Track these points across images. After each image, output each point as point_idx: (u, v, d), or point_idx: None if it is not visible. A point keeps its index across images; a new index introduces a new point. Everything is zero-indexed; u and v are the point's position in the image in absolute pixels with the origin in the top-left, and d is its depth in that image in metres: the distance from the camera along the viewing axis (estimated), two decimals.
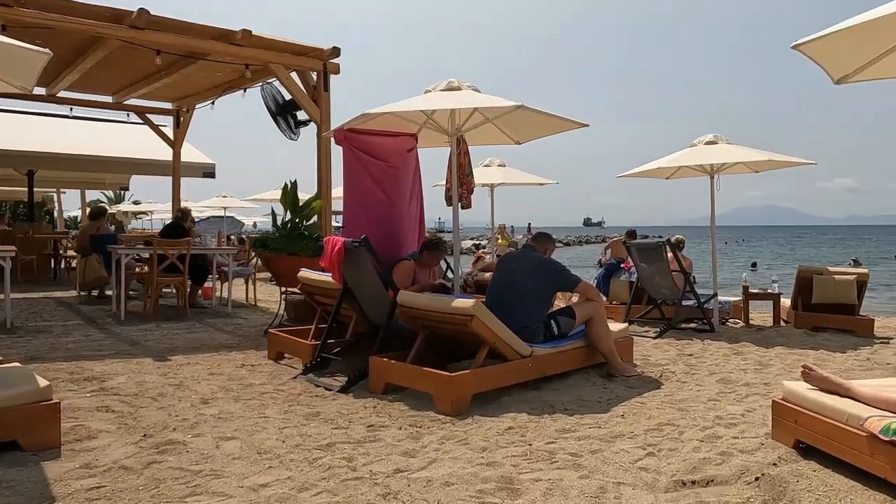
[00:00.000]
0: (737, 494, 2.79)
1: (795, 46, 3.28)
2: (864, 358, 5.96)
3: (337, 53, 8.35)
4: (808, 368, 3.39)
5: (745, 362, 5.72)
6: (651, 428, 3.74)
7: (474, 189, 6.26)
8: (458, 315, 4.31)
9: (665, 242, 7.46)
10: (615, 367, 4.99)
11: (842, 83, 3.82)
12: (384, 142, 6.01)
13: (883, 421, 2.77)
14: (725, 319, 8.13)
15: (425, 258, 5.79)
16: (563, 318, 4.99)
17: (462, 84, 5.66)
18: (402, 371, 4.47)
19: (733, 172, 8.23)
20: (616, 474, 3.02)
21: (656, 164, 7.90)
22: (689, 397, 4.46)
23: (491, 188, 10.97)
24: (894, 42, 3.49)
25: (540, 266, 5.00)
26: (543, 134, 6.56)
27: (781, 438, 3.36)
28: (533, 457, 3.25)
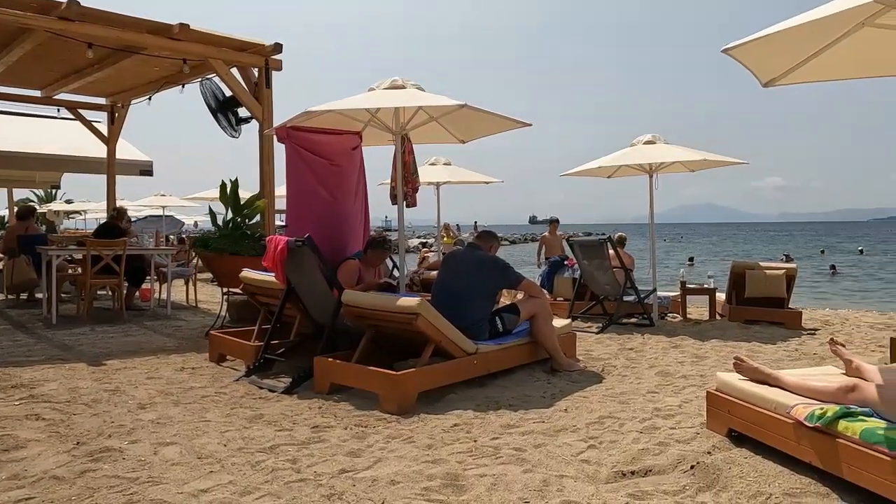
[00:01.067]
0: (673, 483, 2.88)
1: (725, 50, 3.40)
2: (793, 349, 6.24)
3: (279, 50, 8.21)
4: (740, 360, 3.54)
5: (683, 355, 5.91)
6: (593, 421, 3.82)
7: (419, 187, 6.27)
8: (404, 314, 4.31)
9: (607, 240, 7.63)
10: (559, 363, 5.08)
11: (770, 86, 3.99)
12: (328, 140, 5.95)
13: (808, 408, 2.91)
14: (664, 314, 8.38)
15: (370, 257, 5.76)
16: (508, 315, 5.05)
17: (406, 83, 5.66)
18: (347, 371, 4.44)
19: (671, 171, 8.50)
20: (559, 467, 3.08)
21: (597, 163, 8.08)
22: (630, 390, 4.58)
23: (436, 187, 11.00)
24: (818, 47, 3.67)
25: (484, 264, 5.05)
26: (487, 133, 6.62)
27: (715, 428, 3.49)
28: (478, 453, 3.28)
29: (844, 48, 3.63)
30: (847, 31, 3.51)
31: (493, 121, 6.06)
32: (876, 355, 5.89)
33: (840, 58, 3.72)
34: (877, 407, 2.77)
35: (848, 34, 3.53)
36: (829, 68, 3.84)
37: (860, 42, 3.57)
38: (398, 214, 6.13)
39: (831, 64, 3.78)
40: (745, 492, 2.74)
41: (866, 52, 3.72)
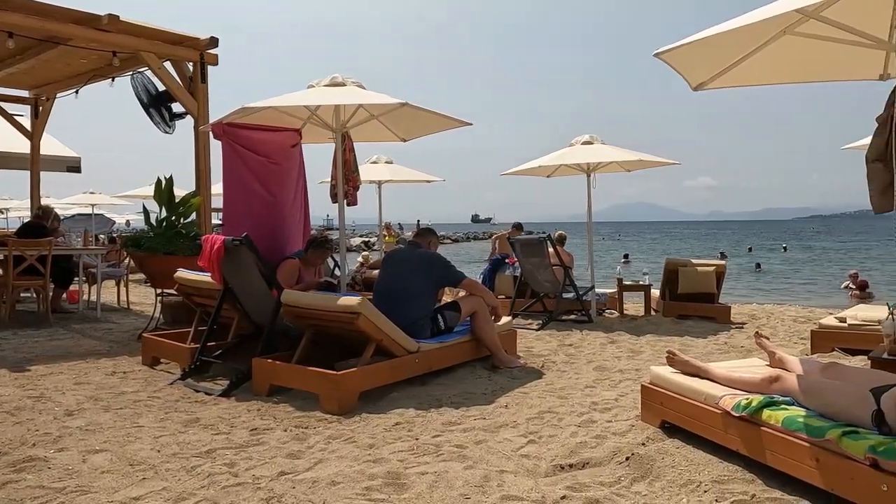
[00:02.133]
0: (609, 474, 2.96)
1: (657, 54, 3.51)
2: (722, 342, 6.51)
3: (215, 44, 7.99)
4: (672, 354, 3.66)
5: (619, 350, 6.08)
6: (533, 416, 3.89)
7: (360, 186, 6.22)
8: (345, 313, 4.28)
9: (546, 238, 7.76)
10: (499, 360, 5.14)
11: (699, 90, 4.14)
12: (266, 137, 5.84)
13: (735, 399, 3.04)
14: (602, 310, 8.60)
15: (311, 256, 5.69)
16: (449, 312, 5.08)
17: (346, 80, 5.61)
18: (287, 372, 4.38)
19: (608, 171, 8.72)
20: (499, 463, 3.12)
21: (537, 162, 8.22)
22: (569, 385, 4.68)
23: (378, 185, 10.95)
24: (743, 53, 3.83)
25: (425, 262, 5.06)
26: (428, 131, 6.64)
27: (649, 420, 3.61)
28: (419, 451, 3.28)
29: (767, 55, 3.80)
30: (769, 39, 3.68)
31: (434, 120, 6.08)
32: (798, 347, 6.20)
33: (764, 64, 3.89)
34: (797, 396, 2.92)
35: (770, 41, 3.70)
36: (753, 74, 4.02)
37: (782, 49, 3.75)
38: (339, 213, 6.07)
39: (756, 69, 3.95)
40: (676, 480, 2.85)
41: (787, 58, 3.91)
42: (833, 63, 3.96)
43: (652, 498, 2.71)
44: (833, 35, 3.38)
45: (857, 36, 3.29)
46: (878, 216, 3.31)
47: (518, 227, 10.13)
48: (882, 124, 3.23)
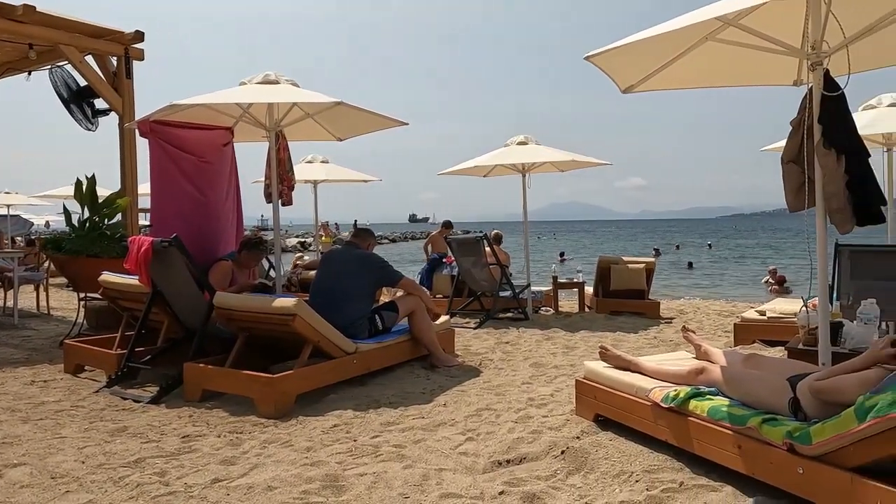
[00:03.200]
0: (546, 468, 3.03)
1: (588, 58, 3.60)
2: (652, 336, 6.74)
3: (140, 38, 7.70)
4: (605, 349, 3.77)
5: (555, 346, 6.20)
6: (471, 414, 3.92)
7: (295, 185, 6.12)
8: (280, 315, 4.20)
9: (483, 237, 7.84)
10: (438, 359, 5.16)
11: (628, 92, 4.27)
12: (196, 135, 5.67)
13: (663, 391, 3.16)
14: (538, 308, 8.74)
15: (244, 258, 5.56)
16: (387, 312, 5.06)
17: (280, 77, 5.52)
18: (220, 376, 4.27)
19: (543, 171, 8.88)
20: (438, 461, 3.13)
21: (473, 162, 8.29)
22: (506, 382, 4.74)
23: (314, 185, 10.81)
24: (669, 57, 3.97)
25: (363, 262, 5.03)
26: (364, 131, 6.60)
27: (584, 413, 3.70)
28: (358, 452, 3.27)
29: (692, 60, 3.96)
30: (693, 45, 3.83)
31: (371, 119, 6.05)
32: (722, 340, 6.49)
33: (688, 68, 4.05)
34: (721, 386, 3.06)
35: (694, 47, 3.85)
36: (678, 77, 4.18)
37: (705, 55, 3.91)
38: (273, 213, 5.96)
39: (680, 74, 4.11)
40: (609, 472, 2.93)
41: (710, 64, 4.08)
42: (752, 69, 4.16)
43: (587, 490, 2.79)
44: (751, 42, 3.55)
45: (773, 44, 3.47)
46: (794, 215, 3.49)
47: (448, 226, 10.19)
48: (795, 128, 3.42)
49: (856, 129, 3.29)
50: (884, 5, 3.25)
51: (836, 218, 3.27)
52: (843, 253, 4.89)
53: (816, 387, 2.59)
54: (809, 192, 3.35)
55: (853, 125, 3.29)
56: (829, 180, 3.22)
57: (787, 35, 3.52)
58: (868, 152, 3.30)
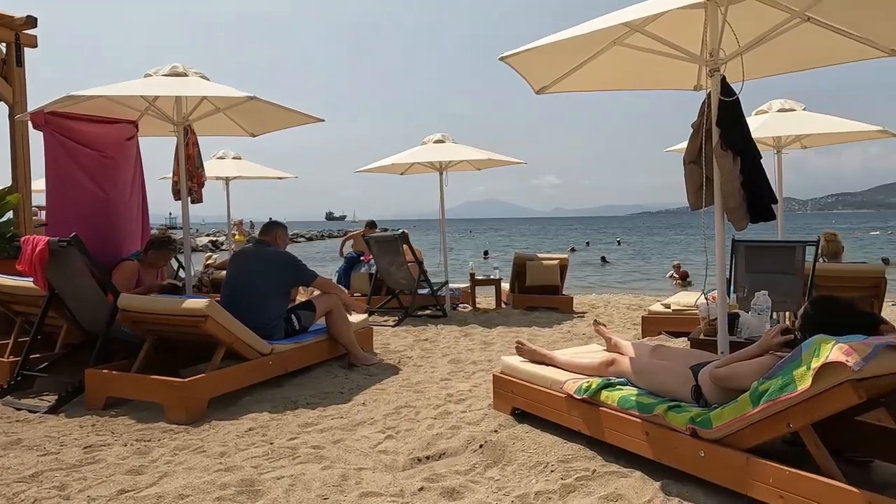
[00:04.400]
0: (465, 462, 3.07)
1: (503, 58, 3.68)
2: (566, 331, 6.95)
3: (33, 24, 7.19)
4: (521, 344, 3.86)
5: (473, 343, 6.29)
6: (390, 412, 3.92)
7: (205, 182, 5.90)
8: (191, 316, 4.05)
9: (401, 235, 7.84)
10: (356, 358, 5.12)
11: (542, 93, 4.39)
12: (97, 129, 5.36)
13: (576, 383, 3.27)
14: (456, 305, 8.83)
15: (151, 257, 5.31)
16: (304, 312, 4.97)
17: (188, 70, 5.30)
18: (126, 382, 4.07)
19: (459, 169, 8.98)
20: (357, 461, 3.11)
21: (391, 160, 8.28)
22: (425, 379, 4.77)
23: (226, 181, 10.47)
24: (579, 60, 4.11)
25: (275, 262, 4.90)
26: (279, 127, 6.45)
27: (501, 407, 3.78)
28: (275, 455, 3.20)
29: (601, 63, 4.11)
30: (602, 49, 3.98)
31: (285, 115, 5.91)
32: (631, 332, 6.78)
33: (598, 71, 4.21)
34: (630, 377, 3.20)
35: (603, 51, 4.00)
36: (589, 80, 4.33)
37: (613, 59, 4.07)
38: (183, 211, 5.72)
39: (591, 76, 4.26)
40: (526, 463, 3.01)
41: (617, 67, 4.25)
42: (657, 73, 4.37)
43: (504, 482, 2.85)
44: (655, 48, 3.73)
45: (675, 50, 3.66)
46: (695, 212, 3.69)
47: (371, 226, 10.12)
48: (695, 130, 3.62)
49: (749, 133, 3.52)
50: (772, 18, 3.49)
51: (733, 215, 3.49)
52: (738, 248, 5.20)
53: (716, 374, 2.75)
54: (708, 191, 3.56)
55: (747, 128, 3.51)
56: (726, 180, 3.43)
57: (688, 42, 3.72)
58: (760, 154, 3.54)
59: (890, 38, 3.62)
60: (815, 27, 3.61)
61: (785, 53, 3.96)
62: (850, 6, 3.44)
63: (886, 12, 3.46)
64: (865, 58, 3.81)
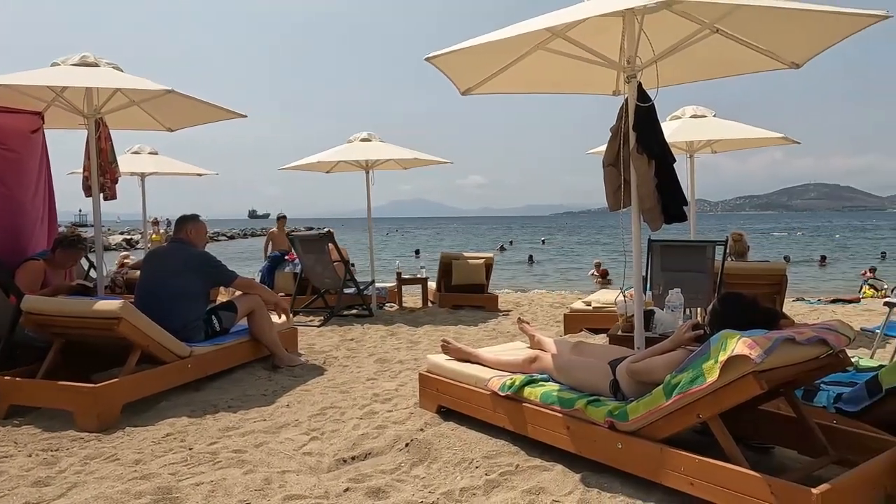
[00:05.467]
0: (391, 462, 3.07)
1: (428, 59, 3.70)
2: (491, 328, 7.05)
3: None
4: (447, 342, 3.90)
5: (399, 342, 6.29)
6: (315, 413, 3.87)
7: (119, 178, 5.64)
8: (103, 319, 3.87)
9: (327, 234, 7.74)
10: (280, 359, 5.02)
11: (467, 94, 4.44)
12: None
13: (501, 380, 3.33)
14: (382, 304, 8.80)
15: (59, 257, 5.03)
16: (225, 313, 4.83)
17: (100, 60, 5.05)
18: (31, 388, 3.85)
19: (386, 168, 8.96)
20: (281, 463, 3.06)
21: (316, 158, 8.17)
22: (351, 379, 4.73)
23: (141, 177, 10.03)
24: (504, 63, 4.18)
25: (193, 261, 4.71)
26: (198, 122, 6.24)
27: (427, 406, 3.80)
28: (194, 461, 3.10)
29: (525, 66, 4.20)
30: (526, 52, 4.06)
31: (205, 110, 5.72)
32: (554, 329, 6.95)
33: (522, 74, 4.29)
34: (552, 373, 3.28)
35: (527, 55, 4.09)
36: (513, 82, 4.41)
37: (536, 62, 4.16)
38: (94, 208, 5.45)
39: (515, 79, 4.34)
40: (451, 460, 3.04)
41: (540, 71, 4.35)
42: (578, 78, 4.49)
43: (430, 479, 2.87)
44: (576, 54, 3.84)
45: (595, 56, 3.78)
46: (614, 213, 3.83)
47: (283, 219, 10.01)
48: (614, 134, 3.75)
49: (664, 137, 3.68)
50: (685, 29, 3.67)
51: (648, 216, 3.64)
52: (654, 248, 5.43)
53: (632, 369, 2.87)
54: (626, 192, 3.70)
55: (661, 133, 3.67)
56: (642, 182, 3.57)
57: (607, 49, 3.85)
58: (674, 158, 3.71)
59: (790, 51, 3.87)
60: (724, 39, 3.81)
61: (697, 62, 4.16)
62: (754, 21, 3.66)
63: (786, 28, 3.69)
64: (769, 69, 4.05)
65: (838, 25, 3.38)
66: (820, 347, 2.55)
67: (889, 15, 3.07)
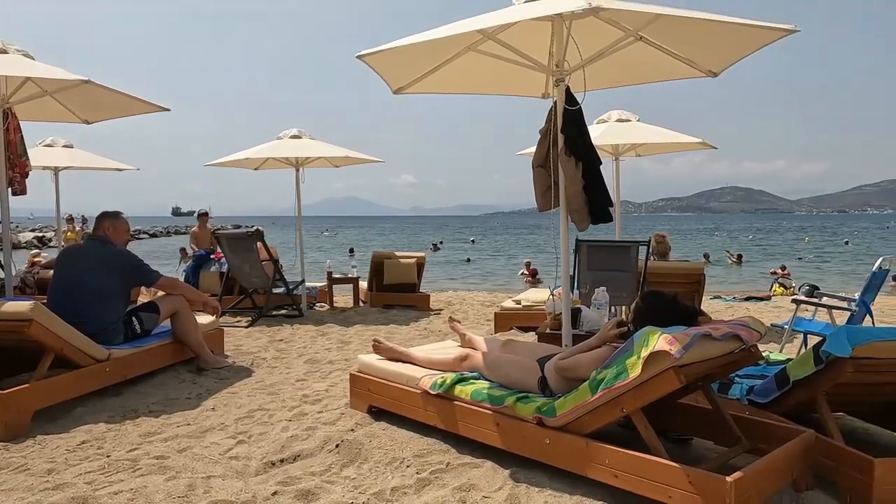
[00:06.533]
0: (321, 463, 3.03)
1: (360, 56, 3.66)
2: (423, 328, 7.07)
3: None
4: (378, 342, 3.88)
5: (330, 342, 6.21)
6: (242, 416, 3.78)
7: (30, 172, 5.33)
8: (12, 321, 3.64)
9: (255, 232, 7.56)
10: (205, 360, 4.87)
11: (399, 93, 4.43)
12: None
13: (432, 378, 3.34)
14: (313, 304, 8.68)
15: None
16: (146, 314, 4.64)
17: (8, 47, 4.77)
18: None
19: (317, 166, 8.83)
20: (206, 468, 2.97)
21: (244, 154, 7.97)
22: (280, 381, 4.64)
23: (55, 172, 9.50)
24: (436, 63, 4.20)
25: (112, 260, 4.50)
26: (118, 115, 5.98)
27: (358, 406, 3.77)
28: (112, 468, 2.97)
29: (457, 67, 4.23)
30: (458, 53, 4.10)
31: (126, 102, 5.48)
32: (484, 328, 7.03)
33: (453, 75, 4.32)
34: (482, 371, 3.32)
35: (459, 55, 4.12)
36: (445, 83, 4.43)
37: (468, 63, 4.20)
38: (1, 203, 5.14)
39: (447, 79, 4.37)
40: (382, 460, 3.03)
41: (472, 72, 4.40)
42: (509, 80, 4.56)
43: (360, 480, 2.85)
44: (507, 56, 3.90)
45: (525, 59, 3.85)
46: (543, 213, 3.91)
47: (204, 215, 9.68)
48: (543, 136, 3.83)
49: (590, 140, 3.79)
50: (611, 35, 3.79)
51: (576, 217, 3.74)
52: (581, 248, 5.58)
53: (559, 365, 2.94)
54: (554, 193, 3.78)
55: (589, 136, 3.77)
56: (570, 183, 3.66)
57: (537, 53, 3.93)
58: (600, 160, 3.82)
59: (708, 60, 4.06)
60: (648, 46, 3.95)
61: (622, 68, 4.30)
62: (675, 31, 3.82)
63: (704, 39, 3.87)
64: (689, 76, 4.23)
65: (752, 37, 3.57)
66: (734, 343, 2.68)
67: (797, 29, 3.27)
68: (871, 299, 5.14)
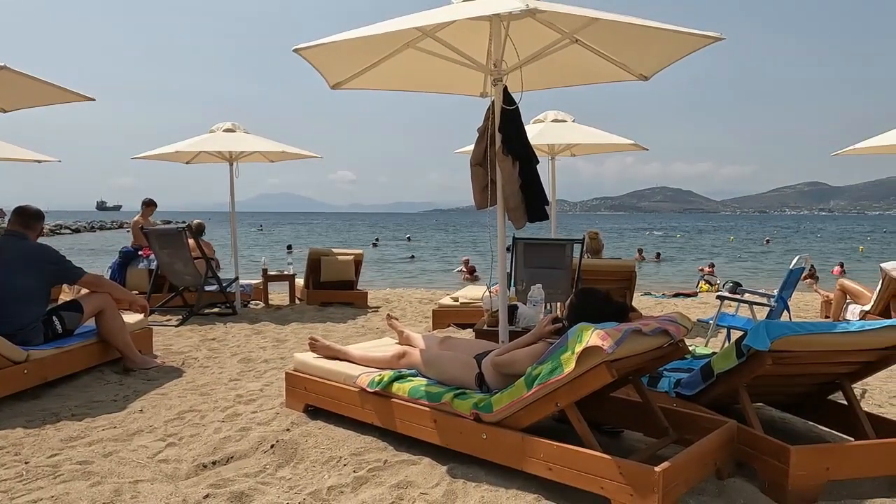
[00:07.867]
0: (255, 464, 2.97)
1: (296, 50, 3.61)
2: (360, 325, 7.02)
3: None
4: (315, 340, 3.83)
5: (265, 340, 6.09)
6: (172, 418, 3.66)
7: None
8: None
9: (185, 228, 7.33)
10: (132, 361, 4.69)
11: (337, 89, 4.38)
12: None
13: (370, 376, 3.32)
14: (247, 302, 8.48)
15: None
16: (69, 313, 4.43)
17: None
18: None
19: (252, 161, 8.62)
20: (133, 473, 2.86)
21: (174, 147, 7.71)
22: (212, 381, 4.52)
23: None
24: (374, 59, 4.18)
25: (31, 257, 4.28)
26: (38, 103, 5.65)
27: (294, 405, 3.71)
28: (31, 475, 2.82)
29: (395, 64, 4.22)
30: (396, 50, 4.09)
31: (45, 90, 5.18)
32: (422, 325, 7.04)
33: (392, 71, 4.31)
34: (420, 368, 3.33)
35: (397, 52, 4.11)
36: (383, 79, 4.42)
37: (406, 60, 4.20)
38: None
39: (385, 76, 4.35)
40: (319, 459, 3.00)
41: (411, 69, 4.40)
42: (447, 78, 4.58)
43: (296, 480, 2.81)
44: (446, 54, 3.91)
45: (463, 57, 3.87)
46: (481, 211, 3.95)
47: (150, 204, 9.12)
48: (481, 135, 3.87)
49: (528, 139, 3.85)
50: (548, 37, 3.86)
51: (513, 215, 3.79)
52: (518, 245, 5.67)
53: (496, 361, 2.97)
54: (492, 192, 3.83)
55: (526, 135, 3.83)
56: (507, 182, 3.71)
57: (475, 52, 3.96)
58: (537, 159, 3.89)
59: (639, 65, 4.19)
60: (583, 49, 4.05)
61: (558, 70, 4.39)
62: (609, 35, 3.92)
63: (636, 43, 3.99)
64: (622, 79, 4.36)
65: (681, 44, 3.71)
66: (663, 338, 2.78)
67: (723, 37, 3.42)
68: (788, 295, 5.42)
